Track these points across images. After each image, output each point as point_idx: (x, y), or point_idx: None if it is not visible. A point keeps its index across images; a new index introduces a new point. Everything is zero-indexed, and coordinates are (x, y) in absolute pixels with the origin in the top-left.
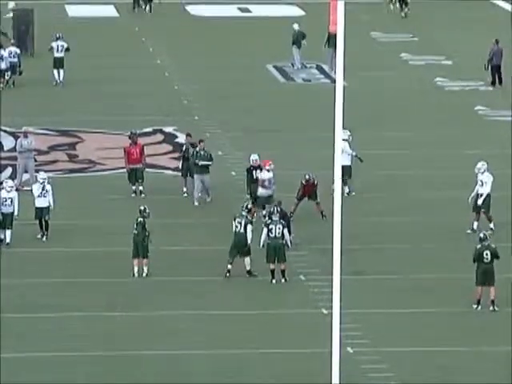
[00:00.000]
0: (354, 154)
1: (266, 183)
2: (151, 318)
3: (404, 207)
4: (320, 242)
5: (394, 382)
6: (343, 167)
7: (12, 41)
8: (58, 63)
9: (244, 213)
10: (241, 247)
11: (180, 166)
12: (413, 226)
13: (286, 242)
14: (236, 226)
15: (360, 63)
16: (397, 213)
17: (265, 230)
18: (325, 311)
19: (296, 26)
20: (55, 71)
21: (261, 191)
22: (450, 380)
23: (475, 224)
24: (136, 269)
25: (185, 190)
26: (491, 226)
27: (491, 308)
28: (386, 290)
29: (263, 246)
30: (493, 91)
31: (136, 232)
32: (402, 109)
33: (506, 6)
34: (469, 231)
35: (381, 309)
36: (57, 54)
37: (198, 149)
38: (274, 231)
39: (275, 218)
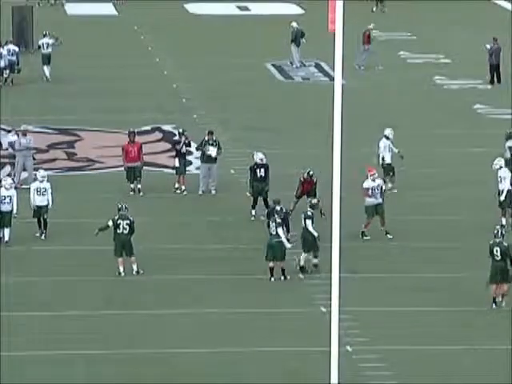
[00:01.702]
0: (396, 151)
1: (370, 192)
2: (150, 317)
3: (403, 206)
4: (319, 240)
5: (393, 382)
6: (387, 165)
7: (11, 38)
8: (46, 60)
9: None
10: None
11: (177, 164)
12: (412, 225)
13: (282, 241)
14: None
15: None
16: (396, 211)
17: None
18: (323, 309)
19: (295, 24)
20: (45, 67)
21: (368, 200)
22: (449, 380)
23: (503, 220)
24: (122, 268)
25: (183, 188)
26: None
27: (493, 306)
28: (384, 288)
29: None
30: (491, 89)
31: (125, 232)
32: (401, 107)
33: (506, 5)
34: (498, 227)
35: (379, 307)
36: (44, 51)
37: (206, 138)
38: (271, 230)
39: (272, 216)
